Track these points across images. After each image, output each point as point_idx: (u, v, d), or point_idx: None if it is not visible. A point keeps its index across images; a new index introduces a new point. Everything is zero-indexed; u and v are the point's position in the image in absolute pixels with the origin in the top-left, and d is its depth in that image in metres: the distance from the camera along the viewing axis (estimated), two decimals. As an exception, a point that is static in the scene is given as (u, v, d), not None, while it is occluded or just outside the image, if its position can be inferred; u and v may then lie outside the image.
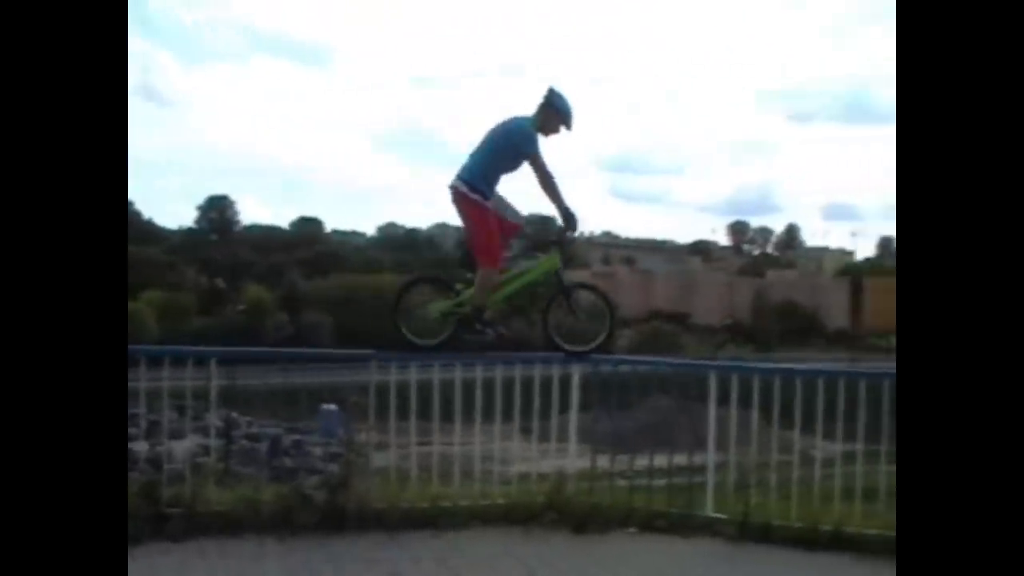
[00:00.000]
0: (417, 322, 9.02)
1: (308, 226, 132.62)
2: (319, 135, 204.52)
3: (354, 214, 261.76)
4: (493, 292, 8.89)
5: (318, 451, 8.61)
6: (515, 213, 8.99)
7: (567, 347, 9.03)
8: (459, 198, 8.72)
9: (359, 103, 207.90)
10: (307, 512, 8.06)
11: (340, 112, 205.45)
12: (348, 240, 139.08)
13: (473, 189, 8.66)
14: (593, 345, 9.03)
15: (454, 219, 8.95)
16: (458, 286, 9.03)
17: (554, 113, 8.70)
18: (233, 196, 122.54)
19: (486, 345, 8.95)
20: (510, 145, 8.65)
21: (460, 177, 8.73)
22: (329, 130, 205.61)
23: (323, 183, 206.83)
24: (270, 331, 78.11)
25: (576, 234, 9.25)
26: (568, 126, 8.78)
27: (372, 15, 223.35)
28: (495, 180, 8.78)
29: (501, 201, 8.90)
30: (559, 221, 8.87)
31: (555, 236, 9.03)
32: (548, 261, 9.03)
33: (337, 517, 8.10)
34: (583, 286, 9.54)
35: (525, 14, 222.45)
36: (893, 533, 7.89)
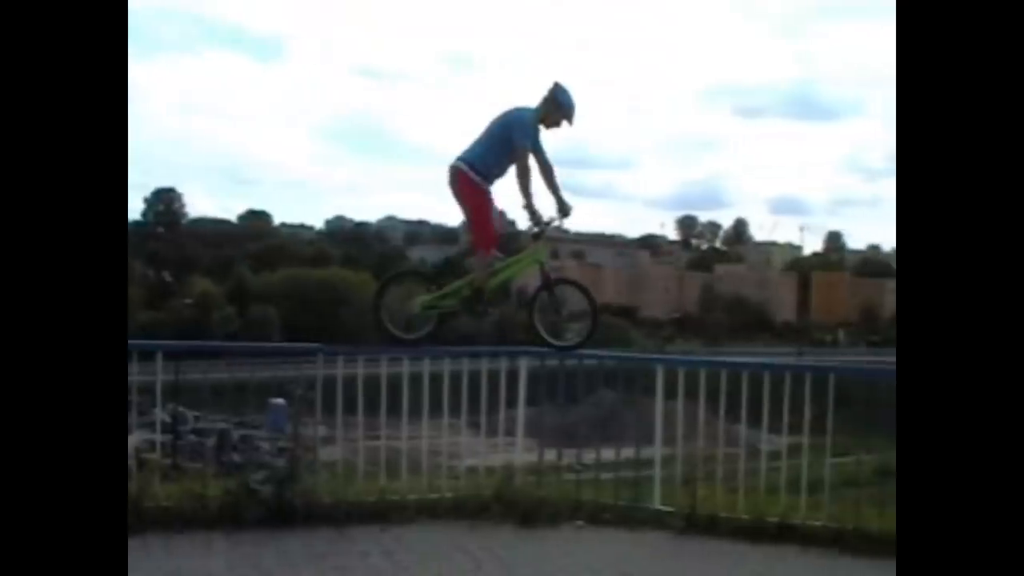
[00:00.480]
0: (399, 316, 9.06)
1: (256, 219, 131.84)
2: (268, 128, 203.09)
3: (302, 208, 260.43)
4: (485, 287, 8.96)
5: (266, 446, 8.56)
6: (502, 222, 9.09)
7: (553, 342, 9.08)
8: (460, 179, 8.82)
9: (309, 96, 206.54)
10: (254, 507, 8.03)
11: (290, 105, 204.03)
12: (296, 234, 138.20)
13: (474, 170, 8.76)
14: (578, 340, 9.07)
15: (403, 212, 9.03)
16: (442, 279, 9.10)
17: (557, 107, 8.84)
18: (180, 189, 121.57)
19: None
20: (504, 136, 8.76)
21: (462, 159, 8.84)
22: (278, 123, 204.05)
23: (271, 176, 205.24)
24: (217, 325, 77.48)
25: (562, 224, 9.30)
26: (570, 121, 8.91)
27: (323, 7, 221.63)
28: (494, 168, 8.85)
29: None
30: (539, 215, 8.90)
31: (538, 229, 9.03)
32: (533, 253, 9.11)
33: (284, 512, 8.07)
34: (566, 281, 9.59)
35: (474, 6, 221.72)
36: (837, 524, 8.01)
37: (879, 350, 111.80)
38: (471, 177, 8.76)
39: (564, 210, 9.03)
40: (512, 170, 8.78)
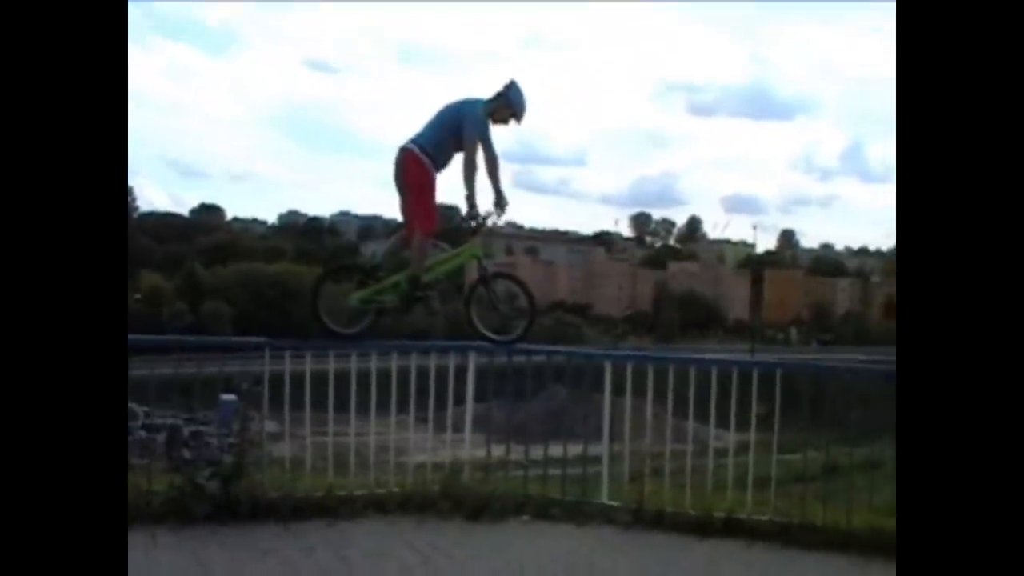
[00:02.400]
0: (337, 311, 9.06)
1: (208, 214, 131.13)
2: (220, 121, 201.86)
3: (255, 202, 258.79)
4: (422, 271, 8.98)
5: (216, 442, 8.51)
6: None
7: (492, 336, 9.13)
8: (409, 160, 8.86)
9: (261, 89, 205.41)
10: (200, 502, 7.98)
11: (242, 98, 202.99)
12: (249, 228, 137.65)
13: (424, 153, 8.81)
14: (517, 334, 9.13)
15: (357, 207, 9.05)
16: (378, 273, 9.09)
17: (507, 104, 8.94)
18: (131, 182, 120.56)
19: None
20: (455, 126, 8.84)
21: (414, 141, 8.89)
22: (230, 116, 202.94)
23: (223, 170, 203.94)
24: (168, 321, 76.96)
25: (499, 219, 9.31)
26: (519, 120, 9.02)
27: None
28: (442, 155, 8.91)
29: None
30: (477, 208, 8.96)
31: (476, 224, 9.05)
32: (470, 249, 9.14)
33: (230, 507, 8.03)
34: (502, 275, 9.61)
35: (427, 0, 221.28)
36: (782, 519, 8.07)
37: (830, 348, 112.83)
38: (420, 158, 8.81)
39: (501, 203, 9.05)
40: (456, 161, 8.85)
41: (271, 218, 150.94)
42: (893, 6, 3.66)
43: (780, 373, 8.69)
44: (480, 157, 8.89)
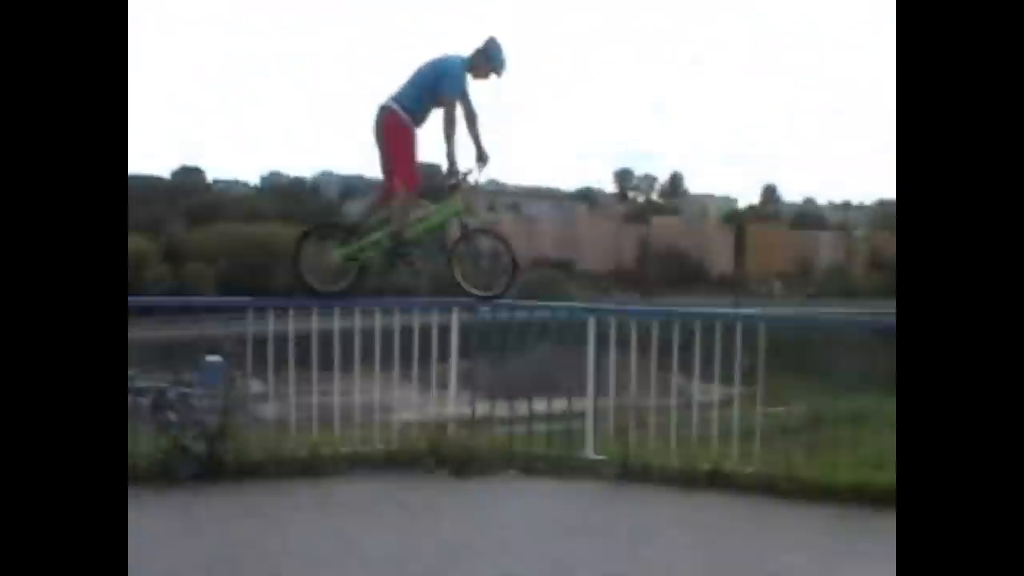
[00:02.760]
0: (319, 269, 9.07)
1: (189, 175, 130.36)
2: (201, 80, 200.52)
3: (237, 163, 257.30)
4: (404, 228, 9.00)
5: (202, 404, 8.51)
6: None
7: (475, 292, 9.16)
8: (389, 118, 8.88)
9: (242, 44, 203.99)
10: (186, 464, 7.99)
11: (222, 55, 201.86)
12: (230, 189, 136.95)
13: (404, 111, 8.82)
14: (499, 290, 9.17)
15: (339, 167, 9.07)
16: (360, 230, 9.12)
17: (487, 60, 8.97)
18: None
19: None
20: (435, 83, 8.86)
21: (394, 98, 8.90)
22: (211, 75, 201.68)
23: (205, 131, 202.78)
24: (151, 283, 76.75)
25: (481, 174, 9.32)
26: (498, 75, 9.04)
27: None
28: (421, 112, 8.93)
29: None
30: (457, 165, 8.98)
31: (456, 181, 9.05)
32: (451, 205, 9.15)
33: (216, 468, 8.05)
34: (483, 231, 9.60)
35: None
36: (766, 471, 8.11)
37: (815, 301, 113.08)
38: (401, 116, 8.82)
39: (483, 158, 9.10)
40: (435, 118, 8.84)
41: (253, 179, 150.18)
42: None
43: (763, 325, 8.70)
44: (459, 113, 8.86)
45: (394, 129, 8.85)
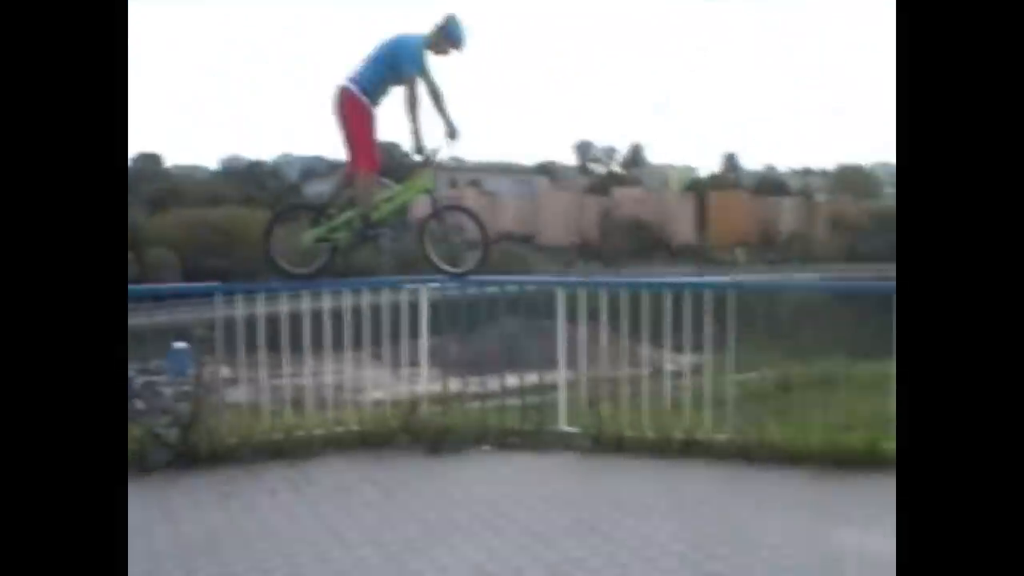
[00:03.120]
0: (291, 251, 9.07)
1: (147, 162, 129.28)
2: (157, 65, 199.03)
3: (195, 148, 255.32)
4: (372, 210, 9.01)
5: (169, 391, 8.46)
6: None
7: (446, 269, 9.19)
8: (347, 99, 8.85)
9: (199, 29, 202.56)
10: (159, 451, 7.97)
11: (177, 40, 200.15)
12: (189, 175, 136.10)
13: (362, 91, 8.81)
14: (469, 266, 9.22)
15: (298, 149, 9.05)
16: (330, 211, 9.11)
17: (446, 36, 8.96)
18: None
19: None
20: (394, 61, 8.83)
21: (350, 79, 8.87)
22: (166, 59, 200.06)
23: (160, 117, 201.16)
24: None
25: (451, 148, 9.31)
26: (459, 50, 9.04)
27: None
28: (380, 91, 8.92)
29: None
30: (423, 142, 8.94)
31: (424, 158, 9.04)
32: (420, 181, 9.18)
33: (190, 455, 8.04)
34: (454, 207, 9.62)
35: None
36: (739, 438, 8.17)
37: (777, 267, 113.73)
38: (357, 96, 8.81)
39: (452, 133, 9.06)
40: (395, 97, 8.84)
41: (212, 164, 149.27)
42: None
43: (733, 293, 8.75)
44: (422, 90, 8.84)
45: (351, 110, 8.84)
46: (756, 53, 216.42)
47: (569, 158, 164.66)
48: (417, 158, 8.97)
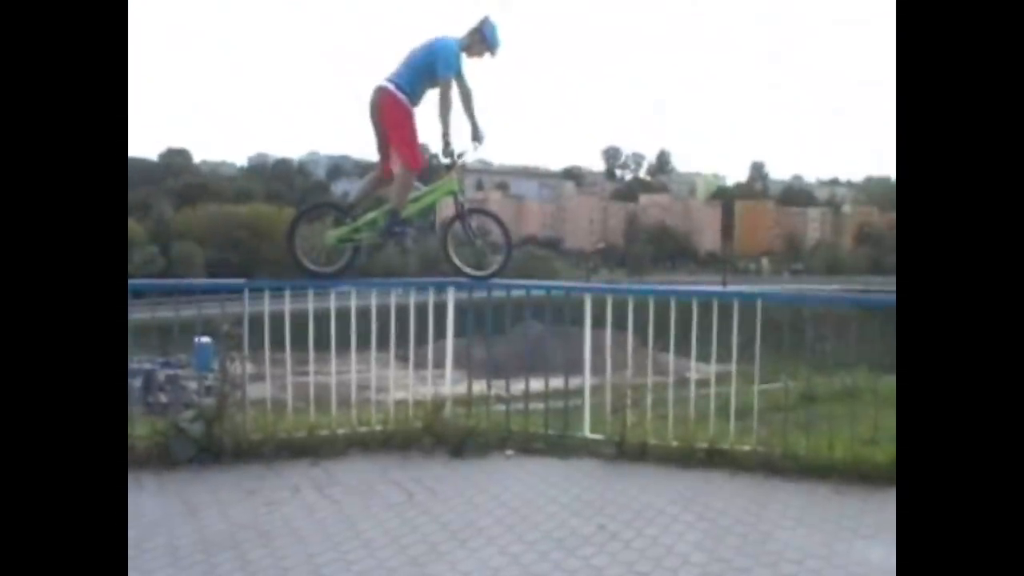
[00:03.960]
0: (314, 249, 9.10)
1: (176, 157, 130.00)
2: (189, 62, 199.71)
3: (224, 144, 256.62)
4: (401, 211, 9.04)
5: (193, 385, 8.49)
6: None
7: (469, 272, 9.25)
8: (386, 98, 8.88)
9: (230, 27, 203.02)
10: (183, 446, 7.99)
11: (209, 38, 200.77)
12: (217, 171, 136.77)
13: (401, 91, 8.82)
14: (493, 269, 9.29)
15: (325, 148, 9.06)
16: (355, 211, 9.21)
17: (481, 40, 9.00)
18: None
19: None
20: (428, 64, 8.85)
21: (389, 79, 8.89)
22: (199, 57, 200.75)
23: (192, 113, 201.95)
24: (140, 264, 76.65)
25: (477, 152, 9.39)
26: (492, 54, 9.08)
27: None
28: (417, 93, 8.93)
29: None
30: (452, 146, 8.98)
31: (450, 160, 9.09)
32: (447, 184, 9.22)
33: (214, 450, 8.06)
34: (479, 211, 9.65)
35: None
36: (764, 449, 8.13)
37: (802, 278, 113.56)
38: (398, 97, 8.82)
39: (478, 136, 9.16)
40: (428, 100, 8.88)
41: (240, 160, 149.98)
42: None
43: (760, 303, 8.71)
44: (455, 93, 8.87)
45: (391, 109, 8.85)
46: (786, 63, 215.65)
47: (596, 163, 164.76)
48: (445, 161, 8.99)
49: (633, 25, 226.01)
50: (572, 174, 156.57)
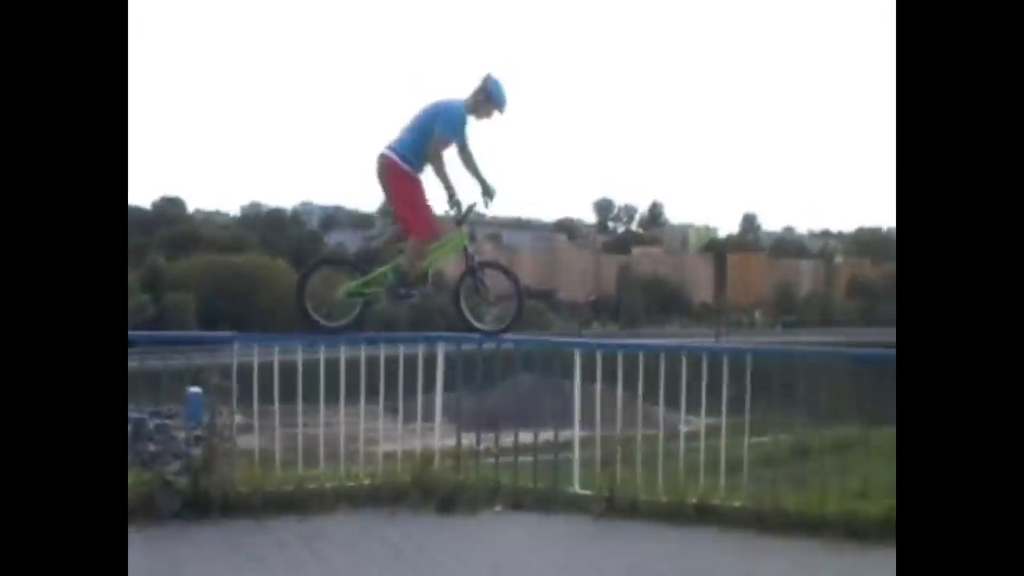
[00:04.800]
0: (324, 304, 9.08)
1: (169, 206, 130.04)
2: (179, 111, 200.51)
3: (218, 193, 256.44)
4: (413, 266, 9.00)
5: (183, 435, 8.43)
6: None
7: (479, 326, 9.17)
8: (388, 167, 8.84)
9: (220, 77, 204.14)
10: (169, 499, 7.92)
11: (201, 87, 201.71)
12: (211, 219, 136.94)
13: (404, 160, 8.78)
14: (505, 324, 9.20)
15: (318, 198, 9.07)
16: (364, 265, 9.24)
17: (486, 99, 8.91)
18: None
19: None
20: (429, 126, 8.81)
21: (391, 147, 8.86)
22: (190, 106, 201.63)
23: (185, 162, 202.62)
24: (132, 313, 76.52)
25: (488, 207, 9.48)
26: (501, 111, 8.99)
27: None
28: (422, 157, 8.86)
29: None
30: (457, 196, 8.95)
31: (460, 215, 9.05)
32: (457, 238, 9.17)
33: (200, 503, 7.98)
34: (490, 264, 9.62)
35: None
36: (754, 504, 8.08)
37: (795, 329, 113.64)
38: (399, 165, 8.79)
39: (489, 192, 9.13)
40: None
41: (233, 209, 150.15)
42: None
43: (750, 357, 8.70)
44: (454, 155, 8.99)
45: (395, 178, 8.85)
46: (777, 113, 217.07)
47: (589, 215, 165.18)
48: (452, 213, 8.98)
49: (625, 77, 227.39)
50: (565, 226, 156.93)
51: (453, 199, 8.86)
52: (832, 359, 10.82)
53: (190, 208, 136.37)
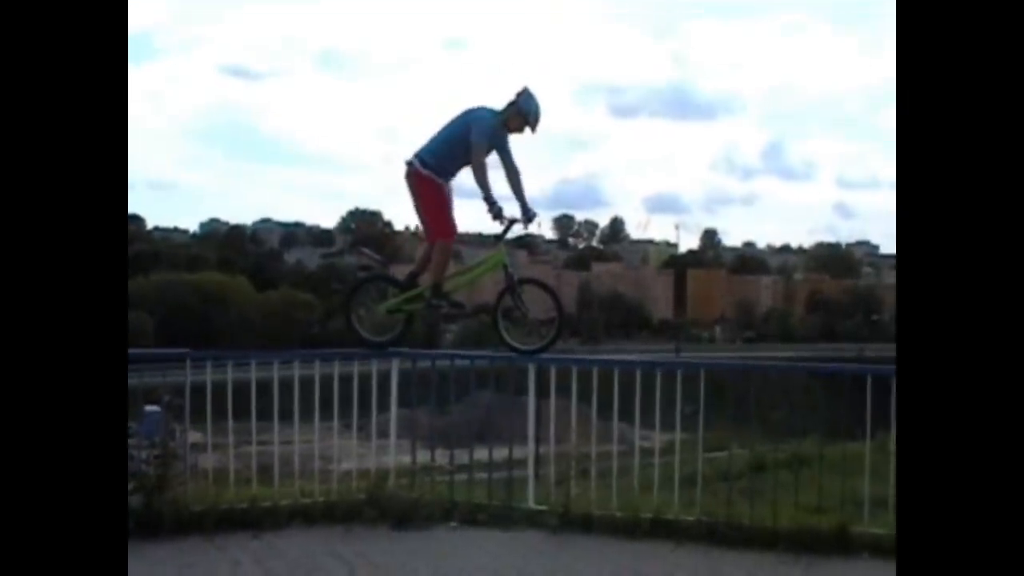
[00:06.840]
0: (369, 320, 9.16)
1: (128, 224, 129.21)
2: (139, 129, 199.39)
3: (176, 211, 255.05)
4: (443, 283, 9.06)
5: (142, 455, 8.38)
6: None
7: (519, 346, 9.13)
8: (412, 174, 8.97)
9: (180, 96, 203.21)
10: (121, 518, 7.86)
11: (160, 106, 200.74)
12: (170, 237, 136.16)
13: (425, 166, 8.89)
14: (545, 343, 9.13)
15: (279, 214, 9.09)
16: (404, 281, 9.23)
17: (518, 112, 8.98)
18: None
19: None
20: (463, 133, 8.90)
21: (416, 155, 8.97)
22: (148, 125, 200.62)
23: (143, 179, 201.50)
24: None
25: (528, 227, 9.53)
26: (532, 128, 9.05)
27: (191, 4, 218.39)
28: (448, 163, 9.00)
29: None
30: (499, 205, 8.99)
31: (503, 228, 9.11)
32: (496, 256, 9.21)
33: (153, 522, 7.92)
34: (531, 281, 9.58)
35: (345, 4, 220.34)
36: (710, 519, 8.11)
37: (754, 345, 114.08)
38: (421, 171, 8.90)
39: (528, 216, 9.20)
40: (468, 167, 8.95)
41: (192, 227, 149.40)
42: (812, 4, 3.64)
43: (704, 372, 8.74)
44: (499, 167, 9.12)
45: (418, 182, 8.97)
46: (736, 128, 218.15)
47: (548, 231, 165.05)
48: (494, 221, 9.03)
49: (583, 90, 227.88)
50: (525, 242, 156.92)
51: (494, 207, 8.90)
52: (788, 373, 10.90)
53: (149, 225, 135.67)
